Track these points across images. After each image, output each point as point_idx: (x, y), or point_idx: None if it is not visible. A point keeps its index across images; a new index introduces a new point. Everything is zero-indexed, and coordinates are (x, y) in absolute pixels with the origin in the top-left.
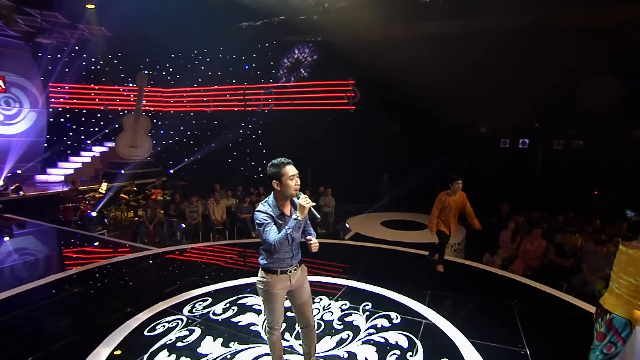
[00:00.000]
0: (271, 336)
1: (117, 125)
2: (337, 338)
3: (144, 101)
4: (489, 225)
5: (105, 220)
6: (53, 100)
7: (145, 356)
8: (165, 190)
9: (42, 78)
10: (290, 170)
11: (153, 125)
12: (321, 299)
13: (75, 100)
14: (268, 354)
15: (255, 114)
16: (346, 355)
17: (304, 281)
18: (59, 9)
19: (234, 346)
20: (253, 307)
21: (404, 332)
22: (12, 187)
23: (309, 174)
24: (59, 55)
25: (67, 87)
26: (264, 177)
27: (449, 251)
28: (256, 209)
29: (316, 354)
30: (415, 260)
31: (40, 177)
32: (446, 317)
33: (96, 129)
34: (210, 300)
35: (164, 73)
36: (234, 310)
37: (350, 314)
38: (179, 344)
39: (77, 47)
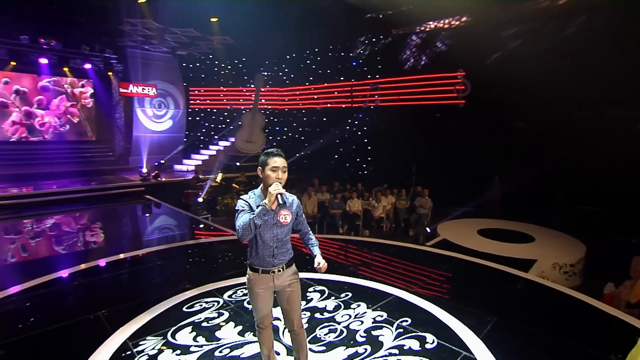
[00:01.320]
0: (259, 334)
1: (239, 122)
2: (351, 351)
3: (262, 100)
4: (624, 246)
5: (218, 206)
6: (192, 102)
7: (172, 329)
8: None
9: (184, 84)
10: (275, 161)
11: (269, 122)
12: (359, 305)
13: (208, 101)
14: (276, 352)
15: (361, 110)
16: None
17: (292, 284)
18: (193, 24)
19: (248, 337)
20: None
21: None
22: (153, 174)
23: (413, 172)
24: (197, 64)
25: (202, 90)
26: (369, 173)
27: (557, 273)
28: (240, 197)
29: None
30: (496, 279)
31: (177, 167)
32: (498, 356)
33: (222, 126)
34: None
35: (280, 74)
36: None
37: (381, 328)
38: (204, 324)
39: (210, 55)
